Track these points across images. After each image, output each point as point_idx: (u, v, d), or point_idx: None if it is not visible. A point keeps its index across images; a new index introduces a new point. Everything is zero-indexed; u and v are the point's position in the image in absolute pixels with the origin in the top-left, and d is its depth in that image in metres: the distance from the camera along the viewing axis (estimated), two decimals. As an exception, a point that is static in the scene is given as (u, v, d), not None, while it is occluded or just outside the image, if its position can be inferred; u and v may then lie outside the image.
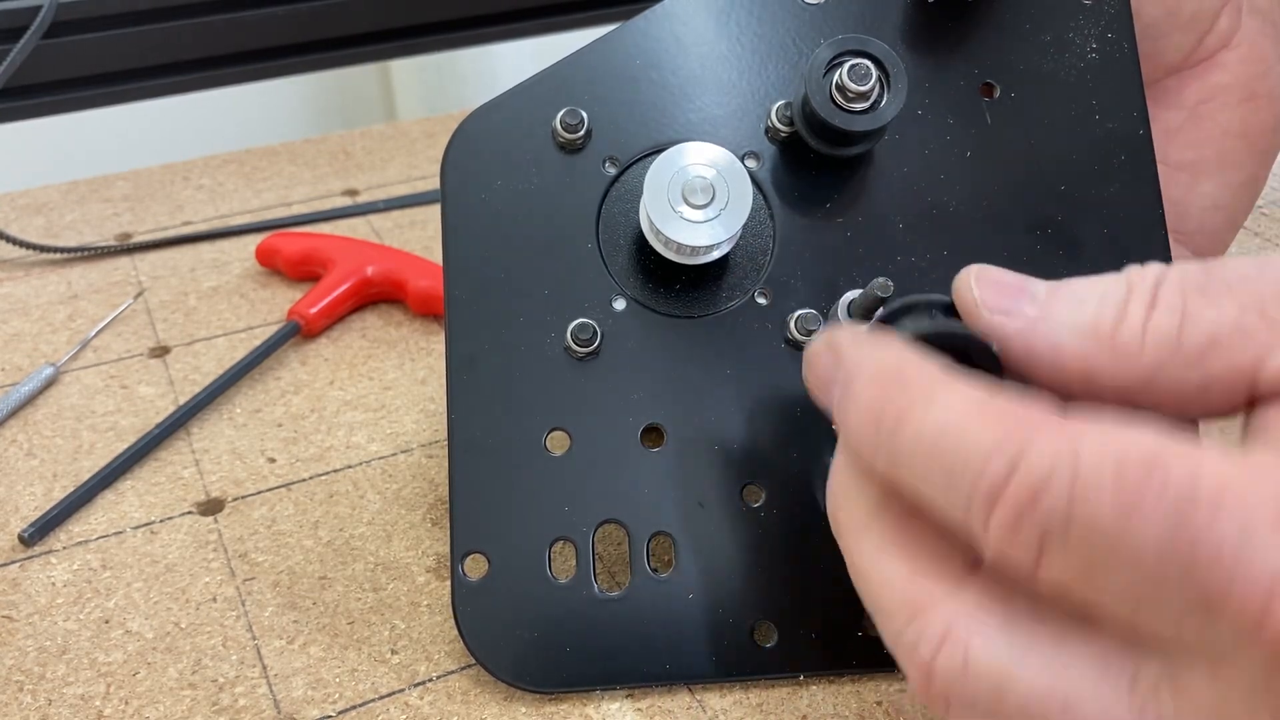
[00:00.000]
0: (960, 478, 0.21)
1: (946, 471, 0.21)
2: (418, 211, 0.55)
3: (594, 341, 0.32)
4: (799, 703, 0.32)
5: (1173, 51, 0.35)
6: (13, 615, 0.34)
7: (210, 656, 0.33)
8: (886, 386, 0.23)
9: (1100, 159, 0.33)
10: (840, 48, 0.30)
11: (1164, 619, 0.19)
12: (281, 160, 0.60)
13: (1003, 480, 0.20)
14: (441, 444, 0.41)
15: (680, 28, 0.34)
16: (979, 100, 0.33)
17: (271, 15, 0.59)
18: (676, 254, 0.31)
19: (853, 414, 0.23)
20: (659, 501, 0.32)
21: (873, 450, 0.23)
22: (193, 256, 0.52)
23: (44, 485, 0.39)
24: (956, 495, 0.21)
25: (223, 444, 0.41)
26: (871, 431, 0.23)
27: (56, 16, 0.55)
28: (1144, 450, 0.19)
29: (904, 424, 0.22)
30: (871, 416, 0.23)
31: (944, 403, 0.22)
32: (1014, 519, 0.20)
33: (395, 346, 0.46)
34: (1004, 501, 0.20)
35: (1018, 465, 0.20)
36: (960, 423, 0.21)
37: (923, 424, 0.22)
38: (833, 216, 0.33)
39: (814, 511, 0.32)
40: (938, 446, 0.21)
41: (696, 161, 0.31)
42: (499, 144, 0.33)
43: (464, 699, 0.32)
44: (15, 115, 0.57)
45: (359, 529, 0.37)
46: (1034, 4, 0.34)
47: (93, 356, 0.45)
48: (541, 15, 0.66)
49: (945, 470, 0.21)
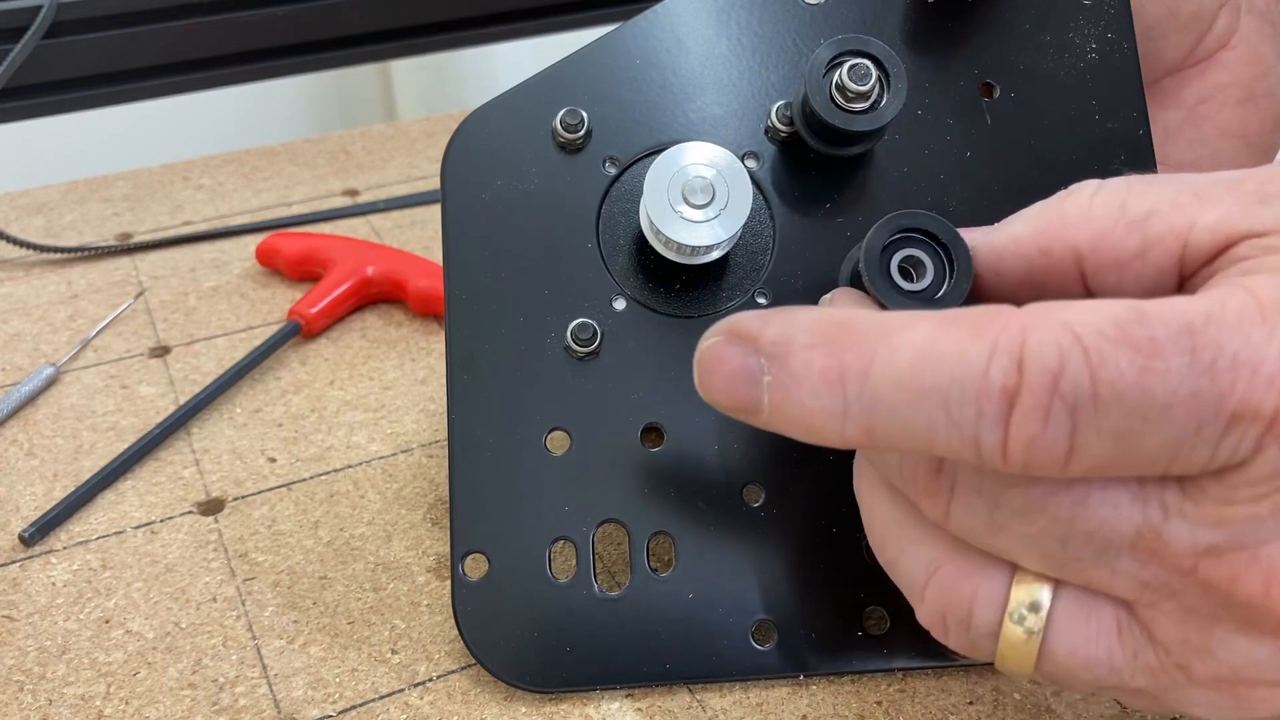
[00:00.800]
0: (961, 395, 0.21)
1: (942, 397, 0.21)
2: (418, 211, 0.55)
3: (594, 341, 0.32)
4: (799, 703, 0.32)
5: (1172, 52, 0.36)
6: (13, 615, 0.34)
7: (210, 656, 0.33)
8: (833, 343, 0.22)
9: (1100, 159, 0.33)
10: (840, 48, 0.30)
11: (1200, 450, 0.20)
12: (281, 160, 0.60)
13: (1014, 378, 0.20)
14: (441, 444, 0.41)
15: (680, 28, 0.34)
16: (979, 100, 0.33)
17: (271, 15, 0.59)
18: (677, 254, 0.31)
19: (806, 389, 0.22)
20: (659, 501, 0.32)
21: (843, 416, 0.22)
22: (193, 256, 0.52)
23: (44, 485, 0.39)
24: (962, 415, 0.21)
25: (223, 444, 0.41)
26: (836, 395, 0.22)
27: (56, 16, 0.54)
28: (1129, 310, 0.20)
29: (872, 370, 0.22)
30: (831, 379, 0.22)
31: (906, 336, 0.22)
32: (1042, 410, 0.20)
33: (395, 346, 0.46)
34: (1025, 395, 0.20)
35: (1024, 359, 0.20)
36: (936, 345, 0.21)
37: (894, 361, 0.21)
38: (833, 216, 0.33)
39: (814, 511, 0.32)
40: (923, 376, 0.21)
41: (696, 161, 0.31)
42: (499, 144, 0.33)
43: (464, 699, 0.32)
44: (15, 115, 0.57)
45: (359, 529, 0.37)
46: (1034, 4, 0.34)
47: (93, 356, 0.45)
48: (541, 15, 0.66)
49: (941, 397, 0.21)
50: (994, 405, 0.20)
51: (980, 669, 0.32)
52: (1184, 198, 0.24)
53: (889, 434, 0.22)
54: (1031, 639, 0.24)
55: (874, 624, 0.32)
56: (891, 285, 0.27)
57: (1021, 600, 0.24)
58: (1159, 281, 0.24)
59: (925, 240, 0.27)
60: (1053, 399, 0.20)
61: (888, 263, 0.27)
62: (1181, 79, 0.36)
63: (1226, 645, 0.22)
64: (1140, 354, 0.20)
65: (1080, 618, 0.23)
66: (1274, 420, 0.20)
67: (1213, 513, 0.21)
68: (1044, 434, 0.20)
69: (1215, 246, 0.23)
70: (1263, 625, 0.21)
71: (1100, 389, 0.20)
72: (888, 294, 0.27)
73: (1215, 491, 0.21)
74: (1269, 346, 0.20)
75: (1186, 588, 0.22)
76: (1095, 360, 0.20)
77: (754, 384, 0.23)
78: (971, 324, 0.21)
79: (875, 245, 0.27)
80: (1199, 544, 0.21)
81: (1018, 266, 0.26)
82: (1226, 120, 0.36)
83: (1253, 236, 0.22)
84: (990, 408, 0.20)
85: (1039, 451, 0.21)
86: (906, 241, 0.27)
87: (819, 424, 0.22)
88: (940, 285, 0.27)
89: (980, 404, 0.21)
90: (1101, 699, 0.31)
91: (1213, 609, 0.22)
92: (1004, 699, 0.32)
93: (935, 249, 0.27)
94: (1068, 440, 0.20)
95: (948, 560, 0.25)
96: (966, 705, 0.31)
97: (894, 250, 0.27)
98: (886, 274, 0.27)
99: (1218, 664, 0.22)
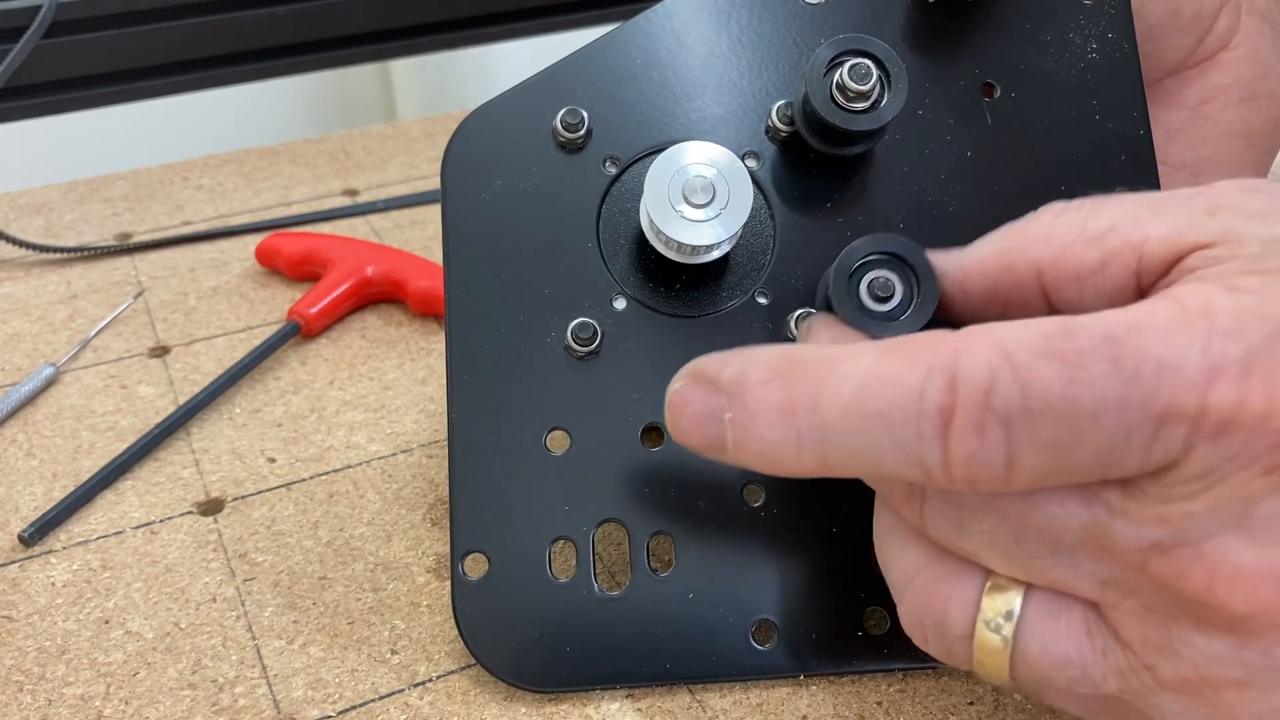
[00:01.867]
0: (902, 418, 0.22)
1: (885, 421, 0.22)
2: (418, 211, 0.55)
3: (594, 341, 0.32)
4: (799, 703, 0.32)
5: (1173, 52, 0.36)
6: (13, 615, 0.34)
7: (210, 656, 0.33)
8: (784, 378, 0.23)
9: (1101, 159, 0.33)
10: (841, 47, 0.30)
11: (1133, 454, 0.21)
12: (281, 160, 0.60)
13: (948, 398, 0.21)
14: (441, 444, 0.41)
15: (680, 27, 0.34)
16: (979, 100, 0.33)
17: (271, 15, 0.59)
18: (677, 253, 0.31)
19: (762, 423, 0.23)
20: (659, 501, 0.32)
21: (798, 446, 0.23)
22: (193, 256, 0.52)
23: (44, 485, 0.39)
24: (904, 437, 0.22)
25: (223, 444, 0.41)
26: (790, 427, 0.23)
27: (56, 16, 0.54)
28: (1055, 326, 0.21)
29: (820, 401, 0.23)
30: (785, 412, 0.23)
31: (849, 366, 0.23)
32: (976, 424, 0.21)
33: (395, 346, 0.46)
34: (959, 413, 0.21)
35: (956, 378, 0.21)
36: (876, 372, 0.22)
37: (839, 391, 0.22)
38: (833, 216, 0.33)
39: (814, 511, 0.32)
40: (865, 403, 0.22)
41: (697, 161, 0.31)
42: (499, 143, 0.33)
43: (464, 699, 0.32)
44: (15, 115, 0.57)
45: (359, 529, 0.37)
46: (1034, 4, 0.34)
47: (93, 356, 0.45)
48: (541, 15, 0.66)
49: (883, 421, 0.22)
50: (931, 425, 0.21)
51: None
52: (1141, 212, 0.24)
53: (841, 460, 0.23)
54: (1005, 645, 0.24)
55: (874, 624, 0.32)
56: (858, 307, 0.28)
57: (996, 608, 0.24)
58: (1117, 295, 0.24)
59: (894, 262, 0.28)
60: (985, 414, 0.21)
61: (858, 284, 0.28)
62: (1183, 79, 0.36)
63: (1186, 643, 0.22)
64: (1066, 365, 0.21)
65: (1050, 618, 0.24)
66: (1199, 420, 0.20)
67: (1153, 511, 0.22)
68: (981, 449, 0.21)
69: (1168, 259, 0.23)
70: (1214, 621, 0.22)
71: (1031, 402, 0.21)
72: (853, 315, 0.28)
73: (1154, 491, 0.21)
74: (1190, 349, 0.20)
75: (1141, 585, 0.22)
76: (1024, 375, 0.21)
77: (717, 423, 0.24)
78: (908, 350, 0.22)
79: (844, 268, 0.28)
80: (1144, 541, 0.22)
81: (983, 285, 0.26)
82: (1228, 121, 0.36)
83: (1201, 248, 0.23)
84: (929, 427, 0.22)
85: (979, 466, 0.21)
86: (877, 263, 0.29)
87: (777, 455, 0.24)
88: (908, 306, 0.28)
89: (920, 425, 0.22)
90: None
91: (1169, 606, 0.22)
92: (1004, 699, 0.32)
93: (904, 270, 0.28)
94: (1004, 453, 0.21)
95: (926, 566, 0.25)
96: (966, 705, 0.31)
97: (865, 271, 0.29)
98: (855, 296, 0.28)
99: (1181, 663, 0.22)
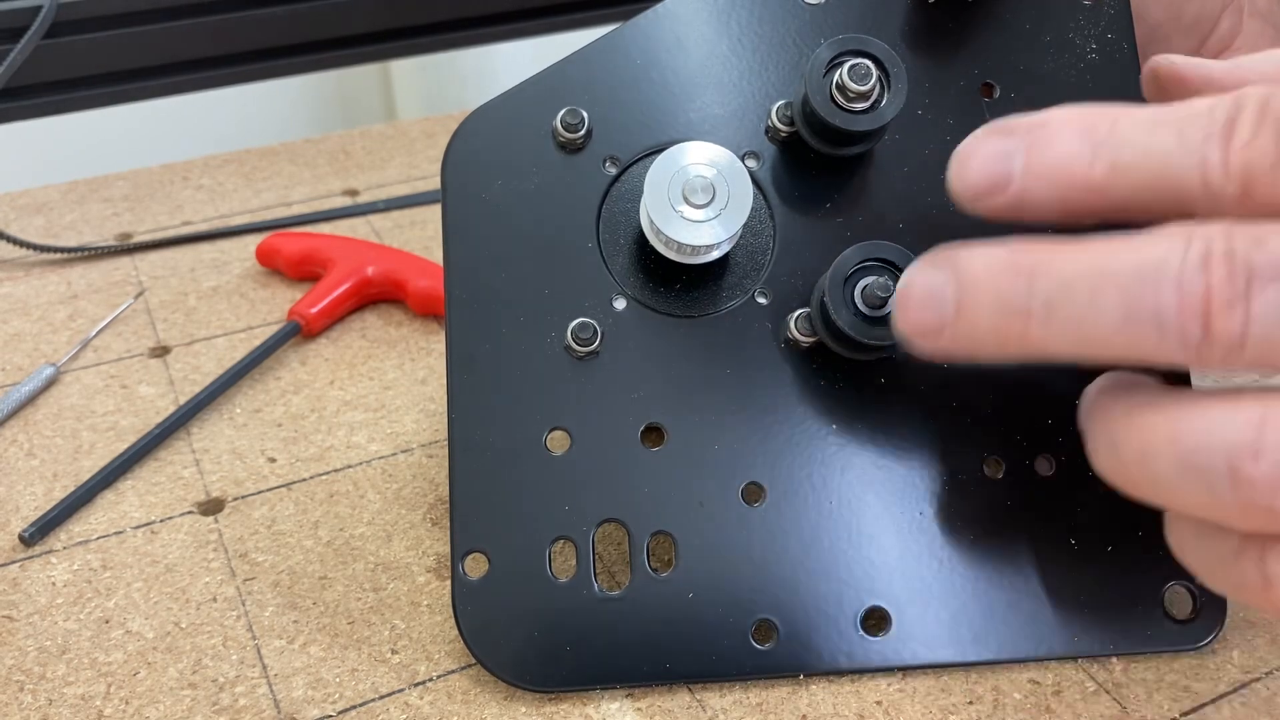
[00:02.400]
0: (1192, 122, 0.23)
1: (1175, 127, 0.23)
2: (418, 211, 0.55)
3: (594, 341, 0.32)
4: (799, 703, 0.32)
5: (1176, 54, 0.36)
6: (13, 615, 0.34)
7: (210, 656, 0.33)
8: (1086, 112, 0.25)
9: None
10: (840, 47, 0.30)
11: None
12: (281, 160, 0.60)
13: (1234, 112, 0.23)
14: (441, 444, 0.41)
15: (680, 28, 0.34)
16: (979, 100, 0.33)
17: (271, 15, 0.59)
18: (677, 253, 0.31)
19: (1060, 139, 0.25)
20: (659, 501, 0.32)
21: (1092, 156, 0.24)
22: (193, 256, 0.52)
23: (44, 485, 0.39)
24: (1190, 138, 0.23)
25: (223, 444, 0.41)
26: (1087, 141, 0.24)
27: (56, 16, 0.54)
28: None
29: (1120, 120, 0.24)
30: (1084, 129, 0.24)
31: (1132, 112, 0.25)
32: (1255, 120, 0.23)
33: (395, 346, 0.46)
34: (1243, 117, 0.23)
35: (1240, 101, 0.23)
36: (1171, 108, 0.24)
37: (1137, 113, 0.24)
38: (833, 216, 0.33)
39: (814, 510, 0.32)
40: (1159, 116, 0.24)
41: (697, 161, 0.31)
42: (499, 144, 0.33)
43: (464, 699, 0.32)
44: (15, 115, 0.57)
45: (359, 529, 0.37)
46: (1034, 4, 0.34)
47: (93, 356, 0.45)
48: (541, 15, 0.66)
49: (1175, 127, 0.23)
50: (1219, 128, 0.23)
51: (980, 669, 0.32)
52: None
53: (1130, 164, 0.24)
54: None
55: (874, 624, 0.32)
56: (855, 314, 0.30)
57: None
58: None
59: (887, 268, 0.30)
60: (1264, 114, 0.23)
61: (853, 291, 0.30)
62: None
63: None
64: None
65: None
66: None
67: None
68: (1256, 140, 0.23)
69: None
70: None
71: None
72: (851, 322, 0.30)
73: None
74: None
75: None
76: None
77: (1006, 158, 0.25)
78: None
79: (839, 275, 0.30)
80: None
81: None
82: None
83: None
84: (1216, 129, 0.23)
85: (1256, 155, 0.23)
86: (871, 270, 0.30)
87: (1069, 167, 0.25)
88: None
89: (1207, 128, 0.23)
90: (1100, 699, 0.31)
91: None
92: (1004, 699, 0.32)
93: (898, 275, 0.29)
94: (1276, 147, 0.22)
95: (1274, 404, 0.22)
96: (966, 705, 0.31)
97: (860, 278, 0.30)
98: (851, 303, 0.30)
99: None
